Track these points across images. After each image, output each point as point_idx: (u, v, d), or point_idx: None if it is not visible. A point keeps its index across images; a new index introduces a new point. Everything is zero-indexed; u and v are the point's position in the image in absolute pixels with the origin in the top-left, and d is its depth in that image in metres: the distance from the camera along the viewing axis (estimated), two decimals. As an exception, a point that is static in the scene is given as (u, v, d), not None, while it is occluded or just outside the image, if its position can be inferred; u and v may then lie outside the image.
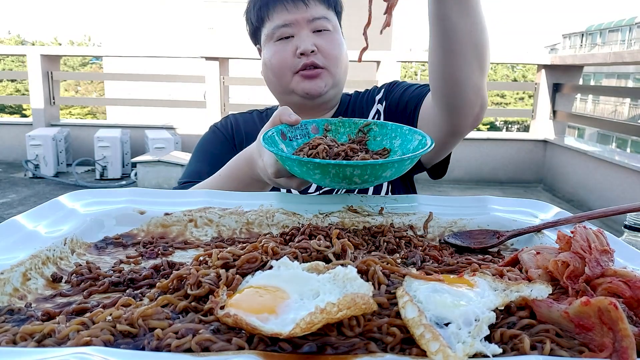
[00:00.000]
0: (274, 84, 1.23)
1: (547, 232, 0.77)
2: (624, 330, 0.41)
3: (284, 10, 1.16)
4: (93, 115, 22.80)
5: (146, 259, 0.71)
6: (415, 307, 0.45)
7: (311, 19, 1.16)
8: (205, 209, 0.85)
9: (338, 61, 1.20)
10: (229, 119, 1.34)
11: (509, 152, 6.21)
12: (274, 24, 1.17)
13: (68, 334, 0.44)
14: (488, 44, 0.96)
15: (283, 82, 1.20)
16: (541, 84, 6.15)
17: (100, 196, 0.86)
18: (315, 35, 1.17)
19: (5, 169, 6.35)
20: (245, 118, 1.34)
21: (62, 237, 0.70)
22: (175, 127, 6.69)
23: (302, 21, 1.16)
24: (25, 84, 17.96)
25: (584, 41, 37.36)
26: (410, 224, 0.84)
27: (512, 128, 28.17)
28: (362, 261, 0.54)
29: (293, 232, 0.75)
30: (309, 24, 1.16)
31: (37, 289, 0.60)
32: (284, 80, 1.19)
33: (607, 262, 0.53)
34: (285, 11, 1.16)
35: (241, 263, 0.56)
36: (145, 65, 9.87)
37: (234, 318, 0.43)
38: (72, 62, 25.98)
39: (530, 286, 0.50)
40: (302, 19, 1.16)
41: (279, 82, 1.21)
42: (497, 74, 28.75)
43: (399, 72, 6.04)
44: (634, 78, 27.29)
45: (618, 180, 4.76)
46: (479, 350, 0.41)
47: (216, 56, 6.21)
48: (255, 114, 1.35)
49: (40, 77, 6.47)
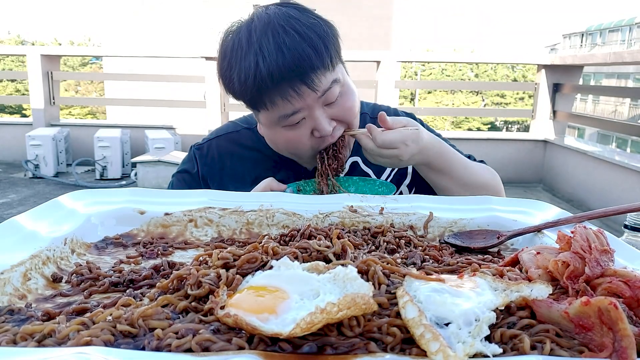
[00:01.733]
0: (284, 153, 1.15)
1: (547, 232, 0.76)
2: (624, 330, 0.41)
3: (287, 102, 1.00)
4: (93, 115, 22.81)
5: (146, 259, 0.71)
6: (416, 307, 0.45)
7: (321, 95, 1.02)
8: (205, 209, 0.85)
9: (355, 118, 1.12)
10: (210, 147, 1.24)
11: (509, 152, 6.21)
12: (277, 113, 1.02)
13: (68, 334, 0.44)
14: (473, 178, 1.13)
15: (297, 156, 1.14)
16: (541, 84, 6.15)
17: (100, 196, 0.86)
18: (328, 107, 1.05)
19: (5, 169, 6.35)
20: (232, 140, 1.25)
21: (62, 237, 0.70)
22: (175, 127, 6.69)
23: (312, 102, 1.01)
24: (25, 84, 17.94)
25: (584, 41, 37.37)
26: (410, 224, 0.84)
27: (512, 128, 28.18)
28: (362, 261, 0.54)
29: (292, 234, 0.75)
30: (319, 100, 1.02)
31: (37, 289, 0.60)
32: (301, 157, 1.13)
33: (607, 262, 0.53)
34: (289, 103, 1.00)
35: (241, 263, 0.56)
36: (146, 65, 9.87)
37: (234, 318, 0.43)
38: (72, 62, 25.98)
39: (530, 286, 0.50)
40: (312, 100, 1.01)
41: (295, 157, 1.15)
42: (497, 74, 28.77)
43: (399, 72, 6.04)
44: (634, 78, 27.29)
45: (618, 180, 4.76)
46: (479, 350, 0.41)
47: (216, 56, 6.20)
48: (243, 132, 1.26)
49: (40, 77, 6.47)
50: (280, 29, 0.97)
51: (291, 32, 0.97)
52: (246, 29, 1.00)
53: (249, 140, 1.23)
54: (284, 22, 0.98)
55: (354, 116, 1.10)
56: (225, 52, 1.03)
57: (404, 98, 26.89)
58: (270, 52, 0.96)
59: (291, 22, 0.98)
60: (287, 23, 0.98)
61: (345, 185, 1.13)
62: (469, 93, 27.31)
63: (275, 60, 0.95)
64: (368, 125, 1.05)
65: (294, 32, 0.97)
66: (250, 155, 1.22)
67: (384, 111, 1.24)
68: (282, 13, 1.00)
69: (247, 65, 0.97)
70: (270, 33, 0.97)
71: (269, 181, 1.04)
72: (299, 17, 1.00)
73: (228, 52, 1.02)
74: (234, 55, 1.01)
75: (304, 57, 0.96)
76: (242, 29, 1.01)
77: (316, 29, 1.00)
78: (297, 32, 0.97)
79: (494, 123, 27.82)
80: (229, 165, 1.21)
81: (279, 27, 0.97)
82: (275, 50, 0.96)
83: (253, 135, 1.24)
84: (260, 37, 0.97)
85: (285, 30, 0.97)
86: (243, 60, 0.98)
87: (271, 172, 1.13)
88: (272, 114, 1.03)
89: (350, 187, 1.13)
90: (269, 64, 0.95)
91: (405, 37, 17.17)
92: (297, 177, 1.17)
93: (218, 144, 1.24)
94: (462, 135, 7.07)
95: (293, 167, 1.19)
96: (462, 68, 28.95)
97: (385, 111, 1.27)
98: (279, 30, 0.97)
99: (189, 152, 1.27)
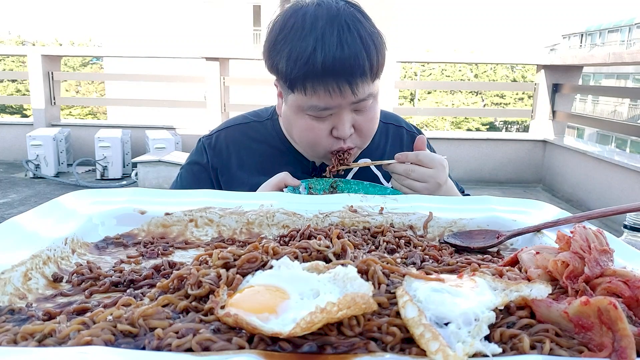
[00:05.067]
0: (298, 146, 1.18)
1: (546, 232, 0.77)
2: (623, 329, 0.41)
3: (327, 95, 1.00)
4: (94, 115, 22.82)
5: (147, 258, 0.72)
6: (415, 306, 0.45)
7: (356, 101, 1.03)
8: (205, 208, 0.85)
9: (371, 136, 1.14)
10: (219, 138, 1.25)
11: (509, 152, 6.21)
12: (311, 102, 1.03)
13: (69, 333, 0.45)
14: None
15: (310, 153, 1.17)
16: (541, 84, 6.15)
17: (101, 196, 0.86)
18: (355, 114, 1.07)
19: (6, 169, 6.35)
20: (240, 131, 1.26)
21: (63, 237, 0.70)
22: (175, 127, 6.69)
23: (346, 104, 1.03)
24: (25, 84, 17.96)
25: (584, 41, 37.37)
26: (410, 224, 0.85)
27: (512, 128, 28.18)
28: (362, 261, 0.54)
29: (292, 234, 0.75)
30: (352, 105, 1.04)
31: (37, 288, 0.60)
32: (312, 153, 1.16)
33: (606, 262, 0.54)
34: (329, 96, 1.00)
35: (241, 263, 0.56)
36: (146, 65, 9.87)
37: (235, 318, 0.43)
38: (72, 63, 25.99)
39: (529, 286, 0.50)
40: (347, 102, 1.03)
41: (304, 150, 1.18)
42: (496, 75, 28.76)
43: (398, 73, 6.03)
44: (634, 78, 27.28)
45: (617, 180, 4.76)
46: (478, 350, 0.41)
47: (216, 56, 6.22)
48: (253, 125, 1.27)
49: (41, 78, 6.47)
50: (345, 26, 0.99)
51: (355, 33, 0.99)
52: (313, 13, 1.01)
53: (258, 132, 1.25)
54: (350, 22, 1.00)
55: (372, 131, 1.13)
56: (283, 27, 1.03)
57: (403, 98, 26.88)
58: (330, 44, 0.97)
59: (356, 24, 1.00)
60: (352, 23, 1.00)
61: (355, 189, 1.13)
62: (468, 93, 27.31)
63: (333, 53, 0.97)
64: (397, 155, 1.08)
65: (357, 35, 0.99)
66: (258, 147, 1.23)
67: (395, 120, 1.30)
68: (350, 12, 1.02)
69: (303, 46, 0.98)
70: (336, 26, 0.98)
71: (283, 175, 1.05)
72: (363, 22, 1.02)
73: (287, 28, 1.02)
74: (292, 33, 1.01)
75: (359, 60, 0.98)
76: (308, 10, 1.02)
77: (374, 38, 1.02)
78: (360, 35, 0.99)
79: (494, 123, 27.82)
80: (238, 155, 1.22)
81: (344, 23, 0.99)
82: (337, 44, 0.97)
83: (262, 128, 1.25)
84: (325, 25, 0.98)
85: (349, 28, 0.99)
86: (301, 40, 0.99)
87: (278, 165, 1.13)
88: (307, 100, 1.03)
89: (359, 191, 1.13)
90: (326, 54, 0.97)
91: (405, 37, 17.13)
92: (304, 172, 1.18)
93: (227, 135, 1.25)
94: (462, 136, 7.07)
95: (301, 161, 1.20)
96: (462, 68, 28.94)
97: (393, 119, 1.31)
98: (344, 27, 0.99)
99: (197, 144, 1.27)
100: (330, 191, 1.12)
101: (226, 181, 1.21)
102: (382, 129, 1.27)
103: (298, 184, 1.05)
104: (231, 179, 1.21)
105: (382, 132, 1.28)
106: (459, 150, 6.15)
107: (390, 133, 1.29)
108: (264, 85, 4.91)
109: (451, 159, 1.25)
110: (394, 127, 1.30)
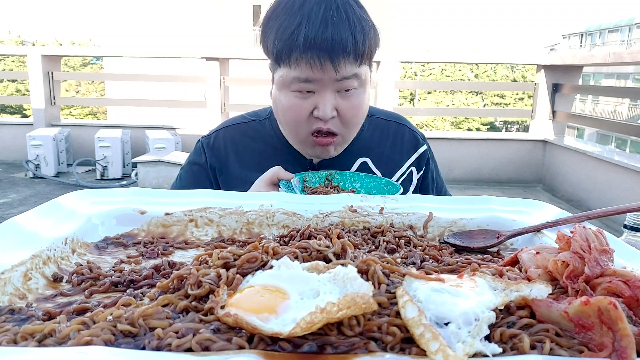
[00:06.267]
0: (284, 130, 1.20)
1: (546, 232, 0.77)
2: (624, 329, 0.41)
3: (309, 68, 1.03)
4: (94, 115, 22.82)
5: (147, 258, 0.72)
6: (415, 306, 0.45)
7: (339, 79, 1.05)
8: (205, 209, 0.85)
9: (356, 125, 1.14)
10: (217, 137, 1.26)
11: (509, 152, 6.21)
12: (293, 74, 1.06)
13: (69, 333, 0.45)
14: None
15: (293, 137, 1.17)
16: (540, 84, 6.15)
17: (101, 196, 0.86)
18: (338, 95, 1.08)
19: (6, 169, 6.35)
20: (239, 131, 1.27)
21: (63, 237, 0.70)
22: (175, 127, 6.69)
23: (328, 81, 1.05)
24: (25, 84, 17.96)
25: (584, 41, 37.37)
26: (410, 224, 0.85)
27: (512, 128, 28.18)
28: (362, 261, 0.54)
29: (292, 234, 0.75)
30: (334, 84, 1.06)
31: (37, 288, 0.60)
32: (295, 136, 1.16)
33: (606, 262, 0.54)
34: (309, 69, 1.04)
35: (241, 263, 0.56)
36: (146, 65, 9.87)
37: (235, 318, 0.43)
38: (72, 63, 25.99)
39: (529, 286, 0.50)
40: (328, 79, 1.05)
41: (288, 134, 1.18)
42: (496, 75, 28.76)
43: (398, 73, 6.04)
44: (634, 78, 27.28)
45: (617, 180, 4.76)
46: (478, 350, 0.41)
47: (216, 56, 6.22)
48: (251, 124, 1.28)
49: (41, 78, 6.47)
50: (334, 6, 1.04)
51: (342, 14, 1.04)
52: None
53: (256, 131, 1.26)
54: (341, 4, 1.05)
55: (356, 119, 1.13)
56: (276, 7, 1.09)
57: (403, 98, 26.87)
58: (315, 21, 1.02)
59: (346, 7, 1.05)
60: (342, 5, 1.05)
61: (351, 180, 1.15)
62: (468, 93, 27.30)
63: (316, 29, 1.02)
64: None
65: (345, 16, 1.04)
66: (257, 146, 1.24)
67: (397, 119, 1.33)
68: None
69: (290, 22, 1.04)
70: (323, 5, 1.03)
71: (276, 169, 1.07)
72: (355, 7, 1.07)
73: (279, 7, 1.08)
74: (282, 11, 1.07)
75: (342, 38, 1.02)
76: None
77: (364, 23, 1.06)
78: (348, 17, 1.04)
79: (494, 123, 27.81)
80: (236, 154, 1.24)
81: (334, 4, 1.04)
82: (321, 21, 1.02)
83: (260, 127, 1.27)
84: (314, 5, 1.04)
85: (337, 9, 1.04)
86: (289, 17, 1.05)
87: (276, 162, 1.14)
88: (290, 73, 1.07)
89: (355, 182, 1.15)
90: (308, 29, 1.02)
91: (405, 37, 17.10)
92: (303, 170, 1.19)
93: (225, 135, 1.27)
94: (462, 136, 7.07)
95: (299, 159, 1.22)
96: (462, 68, 28.94)
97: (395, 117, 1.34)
98: (332, 7, 1.04)
99: (196, 144, 1.29)
100: (325, 184, 1.13)
101: (225, 180, 1.22)
102: (383, 126, 1.28)
103: (291, 177, 1.07)
104: (230, 178, 1.22)
105: (383, 129, 1.28)
106: (459, 150, 6.15)
107: (391, 130, 1.30)
108: (264, 85, 4.91)
109: (451, 159, 1.27)
110: (395, 125, 1.31)
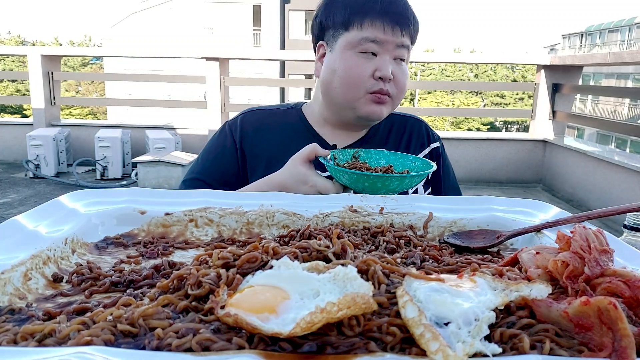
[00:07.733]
0: (336, 93, 1.19)
1: (546, 232, 0.77)
2: (624, 329, 0.41)
3: (381, 28, 1.13)
4: (94, 115, 22.82)
5: (147, 258, 0.72)
6: (415, 306, 0.45)
7: (400, 44, 1.15)
8: (205, 209, 0.85)
9: (403, 92, 1.21)
10: (244, 119, 1.30)
11: (509, 152, 6.21)
12: (363, 34, 1.14)
13: (69, 333, 0.45)
14: None
15: (349, 96, 1.17)
16: (541, 85, 6.15)
17: (101, 196, 0.86)
18: (394, 62, 1.16)
19: (6, 169, 6.35)
20: (264, 115, 1.32)
21: (63, 237, 0.70)
22: (175, 127, 6.69)
23: (391, 45, 1.14)
24: (25, 84, 17.96)
25: (584, 41, 37.36)
26: (410, 224, 0.85)
27: (512, 128, 28.19)
28: (362, 261, 0.54)
29: (292, 234, 0.75)
30: (394, 50, 1.15)
31: (37, 288, 0.60)
32: (352, 95, 1.16)
33: (606, 262, 0.54)
34: (382, 30, 1.13)
35: (241, 263, 0.56)
36: (146, 65, 9.87)
37: (235, 318, 0.43)
38: (72, 63, 26.00)
39: (529, 286, 0.50)
40: (393, 43, 1.14)
41: (344, 94, 1.17)
42: (496, 75, 28.76)
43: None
44: (634, 78, 27.28)
45: (617, 180, 4.76)
46: (478, 350, 0.41)
47: (216, 56, 6.22)
48: (276, 111, 1.33)
49: (41, 78, 6.47)
50: None
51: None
52: None
53: (282, 117, 1.31)
54: None
55: (404, 86, 1.21)
56: None
57: (403, 98, 26.84)
58: None
59: None
60: None
61: (377, 157, 1.15)
62: (468, 93, 27.30)
63: (389, 1, 1.14)
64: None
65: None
66: (282, 130, 1.28)
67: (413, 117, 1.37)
68: None
69: None
70: None
71: (313, 146, 1.08)
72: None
73: None
74: None
75: (407, 12, 1.16)
76: None
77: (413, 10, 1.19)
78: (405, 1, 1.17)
79: (494, 123, 27.81)
80: (261, 137, 1.26)
81: None
82: None
83: (285, 115, 1.31)
84: None
85: None
86: None
87: (301, 146, 1.12)
88: (360, 34, 1.14)
89: (381, 159, 1.14)
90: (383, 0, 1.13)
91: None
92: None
93: (251, 118, 1.31)
94: (462, 136, 7.07)
95: (324, 146, 1.23)
96: (462, 68, 28.94)
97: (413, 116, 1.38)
98: None
99: (221, 128, 1.32)
100: (352, 161, 1.13)
101: (251, 161, 1.25)
102: (400, 122, 1.35)
103: (328, 154, 1.08)
104: (255, 159, 1.24)
105: (400, 124, 1.34)
106: (459, 150, 6.15)
107: (408, 125, 1.35)
108: (263, 85, 4.92)
109: (451, 159, 1.27)
110: (412, 120, 1.37)
